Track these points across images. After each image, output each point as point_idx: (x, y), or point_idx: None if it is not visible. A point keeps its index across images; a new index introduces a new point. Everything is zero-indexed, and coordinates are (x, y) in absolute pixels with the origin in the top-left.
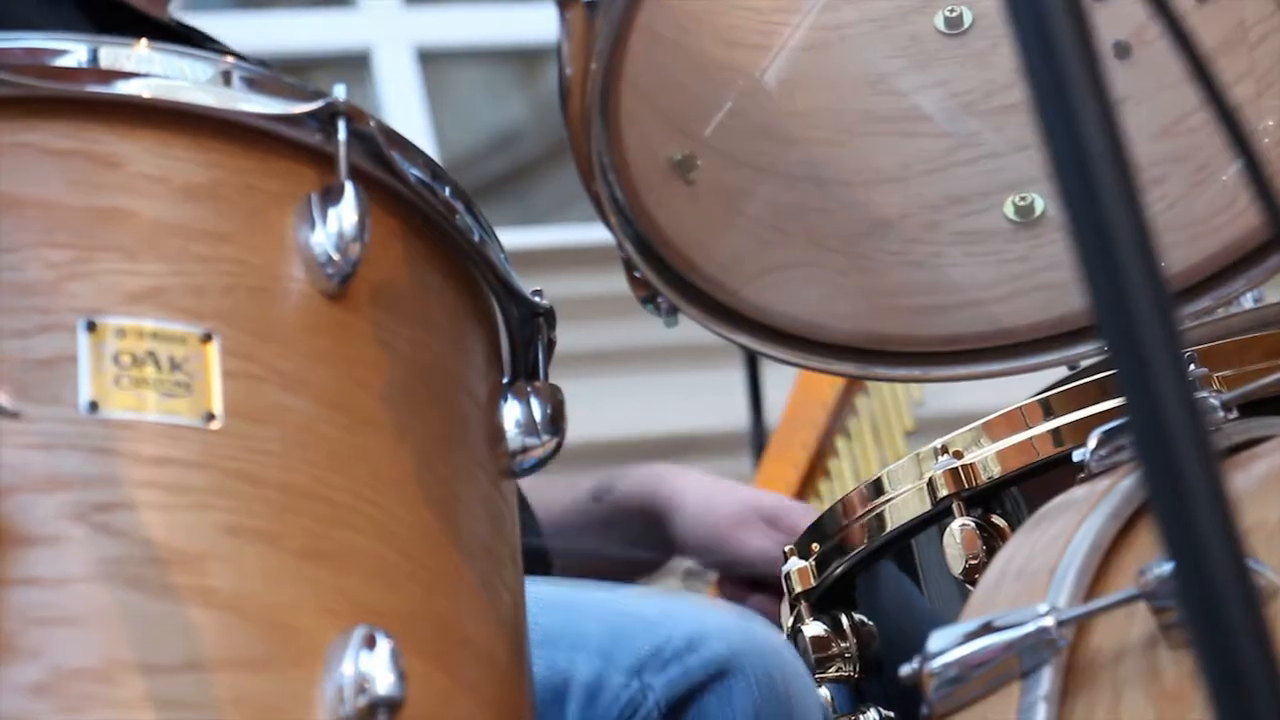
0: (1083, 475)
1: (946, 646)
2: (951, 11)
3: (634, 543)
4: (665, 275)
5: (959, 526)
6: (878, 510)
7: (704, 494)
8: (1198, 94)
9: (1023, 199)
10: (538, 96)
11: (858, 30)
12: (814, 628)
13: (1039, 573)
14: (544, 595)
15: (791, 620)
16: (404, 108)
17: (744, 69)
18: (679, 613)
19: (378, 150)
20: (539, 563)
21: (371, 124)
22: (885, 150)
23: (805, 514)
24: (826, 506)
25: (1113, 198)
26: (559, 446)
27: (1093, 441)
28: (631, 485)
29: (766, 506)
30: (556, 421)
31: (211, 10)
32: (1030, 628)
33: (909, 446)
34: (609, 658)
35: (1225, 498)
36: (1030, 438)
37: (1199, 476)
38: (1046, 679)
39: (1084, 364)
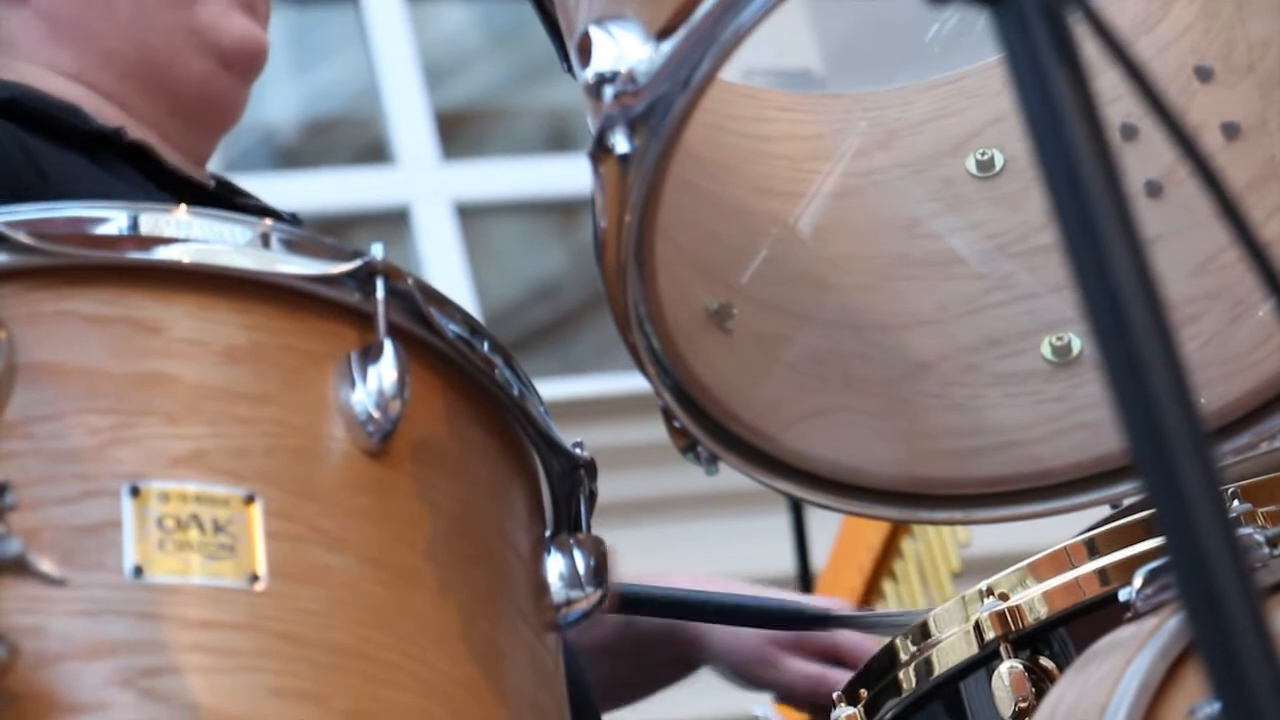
0: (1129, 615)
1: None
2: (983, 154)
3: (659, 661)
4: (704, 424)
5: (1007, 669)
6: (925, 654)
7: None
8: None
9: (1059, 339)
10: (576, 246)
11: (890, 175)
12: None
13: (1089, 713)
14: None
15: None
16: (444, 261)
17: (778, 217)
18: None
19: (416, 308)
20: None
21: (409, 281)
22: (921, 293)
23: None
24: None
25: (1145, 336)
26: (604, 598)
27: (1138, 580)
28: None
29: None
30: (600, 573)
31: (251, 170)
32: None
33: (956, 588)
34: None
35: (1269, 636)
36: (1076, 578)
37: (1242, 616)
38: None
39: (1127, 502)
